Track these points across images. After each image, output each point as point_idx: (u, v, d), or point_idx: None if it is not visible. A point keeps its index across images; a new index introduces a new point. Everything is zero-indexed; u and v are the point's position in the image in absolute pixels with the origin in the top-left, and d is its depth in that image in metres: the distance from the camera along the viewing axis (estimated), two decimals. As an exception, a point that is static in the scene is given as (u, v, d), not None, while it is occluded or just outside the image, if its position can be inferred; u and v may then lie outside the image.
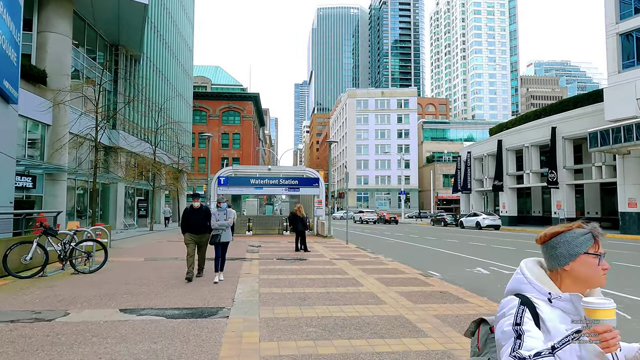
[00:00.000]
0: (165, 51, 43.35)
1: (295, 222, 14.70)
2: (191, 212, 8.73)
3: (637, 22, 25.15)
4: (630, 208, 24.89)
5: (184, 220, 8.75)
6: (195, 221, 8.68)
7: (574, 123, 30.68)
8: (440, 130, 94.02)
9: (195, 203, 8.77)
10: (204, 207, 8.92)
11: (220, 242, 8.66)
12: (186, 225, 8.70)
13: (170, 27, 44.76)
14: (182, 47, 50.15)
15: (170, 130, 31.23)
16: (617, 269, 11.33)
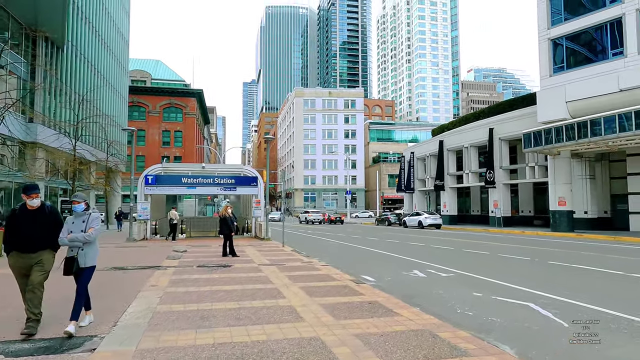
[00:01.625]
0: (96, 40, 40.03)
1: (224, 224, 13.44)
2: (21, 216, 5.11)
3: (567, 29, 26.25)
4: (560, 207, 25.92)
5: (7, 229, 5.15)
6: (27, 231, 5.05)
7: (509, 125, 31.68)
8: (386, 131, 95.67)
9: (31, 201, 5.09)
10: (48, 207, 5.31)
11: (79, 269, 5.14)
12: (11, 240, 5.09)
13: (101, 14, 41.42)
14: (115, 37, 46.69)
15: (95, 124, 28.55)
16: (551, 268, 11.20)
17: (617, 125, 20.15)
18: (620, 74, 22.91)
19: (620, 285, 8.86)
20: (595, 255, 14.05)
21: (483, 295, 7.83)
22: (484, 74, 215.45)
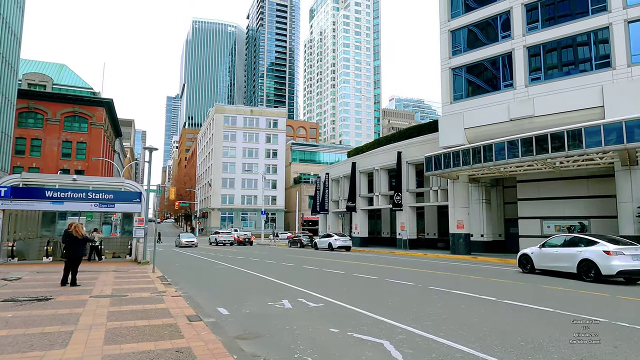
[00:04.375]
0: (-28, 32, 34.89)
1: (73, 246, 11.15)
2: None
3: (465, 60, 27.60)
4: (459, 229, 26.59)
5: None
6: None
7: (416, 149, 32.47)
8: (309, 152, 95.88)
9: None
10: None
11: None
12: None
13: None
14: (4, 33, 41.30)
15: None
16: (428, 294, 10.55)
17: (506, 152, 21.02)
18: (510, 104, 24.30)
19: (486, 314, 8.26)
20: (479, 280, 13.85)
21: (339, 332, 6.71)
22: (404, 103, 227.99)
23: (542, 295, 10.46)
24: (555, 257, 14.60)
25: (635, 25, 21.18)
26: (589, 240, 13.70)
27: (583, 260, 13.32)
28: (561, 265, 14.35)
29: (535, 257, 15.52)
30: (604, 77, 21.64)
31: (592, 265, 13.00)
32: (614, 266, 12.48)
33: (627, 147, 17.24)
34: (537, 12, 24.81)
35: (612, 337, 6.40)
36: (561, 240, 15.07)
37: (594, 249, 13.19)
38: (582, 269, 13.36)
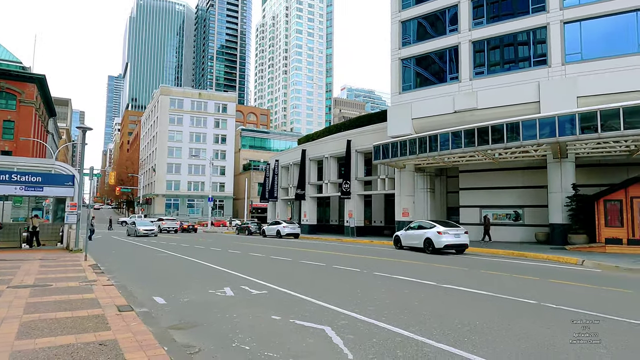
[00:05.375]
0: None
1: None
2: None
3: (415, 51, 28.11)
4: (404, 217, 27.31)
5: None
6: None
7: (365, 137, 32.78)
8: (259, 139, 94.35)
9: None
10: None
11: None
12: None
13: None
14: None
15: None
16: (373, 280, 10.65)
17: (450, 143, 21.72)
18: (455, 96, 25.10)
19: (429, 298, 8.45)
20: (421, 265, 14.23)
21: (281, 319, 6.53)
22: (355, 93, 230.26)
23: (469, 278, 10.90)
24: (413, 237, 19.93)
25: (570, 26, 22.49)
26: (430, 224, 19.06)
27: (426, 239, 18.62)
28: (415, 242, 19.65)
29: (402, 237, 20.90)
30: (540, 74, 22.87)
31: (431, 241, 18.33)
32: (442, 242, 17.91)
33: (559, 141, 18.36)
34: (482, 9, 25.67)
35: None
36: (416, 225, 20.37)
37: (432, 230, 18.46)
38: (425, 244, 18.68)
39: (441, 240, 17.90)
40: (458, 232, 18.31)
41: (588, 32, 22.40)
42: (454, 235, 18.13)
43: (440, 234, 17.99)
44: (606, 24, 22.13)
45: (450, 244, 18.02)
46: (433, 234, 18.28)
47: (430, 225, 18.96)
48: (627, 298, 8.76)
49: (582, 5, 22.26)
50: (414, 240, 19.74)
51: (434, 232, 18.24)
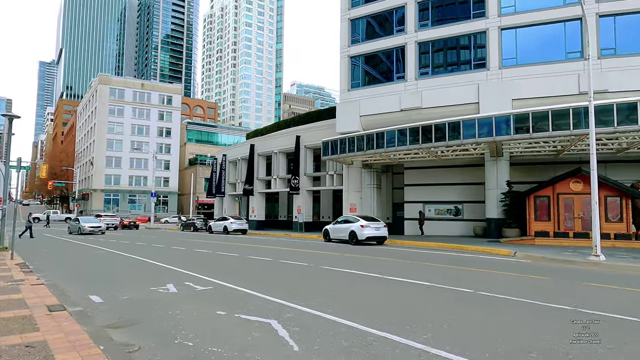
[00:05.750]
0: None
1: None
2: None
3: (363, 49, 28.63)
4: (351, 213, 27.74)
5: None
6: None
7: (315, 133, 32.94)
8: (206, 133, 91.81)
9: None
10: None
11: None
12: None
13: None
14: None
15: None
16: (321, 273, 10.77)
17: (396, 140, 22.36)
18: (402, 95, 25.87)
19: (373, 289, 8.67)
20: (365, 259, 14.57)
21: (226, 314, 6.42)
22: (305, 89, 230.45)
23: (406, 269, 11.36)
24: (340, 230, 21.96)
25: (506, 32, 23.91)
26: (355, 219, 21.26)
27: (351, 232, 20.73)
28: (342, 235, 21.62)
29: (331, 231, 22.80)
30: (480, 76, 24.14)
31: (355, 234, 20.46)
32: (364, 234, 20.14)
33: (496, 140, 19.49)
34: (428, 12, 26.61)
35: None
36: (342, 220, 22.49)
37: (356, 224, 20.61)
38: (350, 236, 20.80)
39: (363, 233, 20.12)
40: (378, 225, 20.76)
41: (523, 38, 23.94)
42: (374, 229, 20.44)
43: (363, 227, 20.23)
44: (539, 32, 23.77)
45: (371, 235, 20.30)
46: (357, 227, 20.45)
47: (355, 220, 21.13)
48: (547, 285, 9.51)
49: (517, 13, 23.74)
50: (341, 234, 21.70)
51: (358, 226, 20.44)
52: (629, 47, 21.87)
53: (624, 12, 22.03)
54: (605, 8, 21.98)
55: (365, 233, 20.12)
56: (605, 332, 5.56)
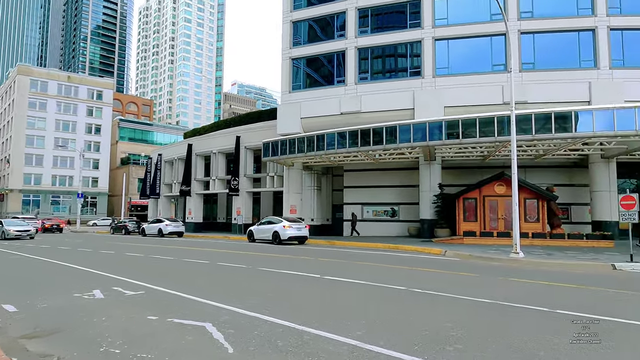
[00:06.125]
0: None
1: None
2: None
3: (305, 52, 28.85)
4: (292, 214, 27.84)
5: None
6: None
7: (255, 134, 32.61)
8: (140, 131, 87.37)
9: None
10: None
11: None
12: None
13: None
14: None
15: None
16: (260, 275, 10.69)
17: (336, 143, 22.77)
18: (342, 99, 26.41)
19: (309, 289, 8.77)
20: (302, 260, 14.68)
21: (158, 319, 6.16)
22: (246, 89, 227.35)
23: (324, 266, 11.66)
24: (264, 231, 22.84)
25: (440, 43, 25.27)
26: (278, 220, 22.37)
27: (274, 232, 21.74)
28: (265, 236, 22.54)
29: (255, 231, 23.67)
30: (415, 83, 25.28)
31: (278, 234, 21.49)
32: (287, 234, 21.25)
33: (429, 145, 20.51)
34: (367, 19, 27.42)
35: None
36: (266, 221, 23.35)
37: (279, 225, 21.70)
38: (273, 237, 21.77)
39: (286, 233, 21.21)
40: (300, 226, 22.00)
41: (455, 49, 25.43)
42: (297, 229, 21.60)
43: (286, 227, 21.32)
44: (469, 45, 25.40)
45: (293, 235, 21.43)
46: (280, 228, 21.54)
47: (278, 221, 22.25)
48: (474, 281, 10.19)
49: (450, 26, 25.18)
50: (265, 234, 22.68)
51: (281, 227, 21.52)
52: (546, 62, 24.03)
53: (542, 30, 24.20)
54: (526, 26, 23.99)
55: (287, 233, 21.20)
56: (515, 319, 6.07)
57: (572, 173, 25.33)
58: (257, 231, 23.58)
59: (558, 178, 25.09)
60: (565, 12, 24.26)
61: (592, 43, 23.67)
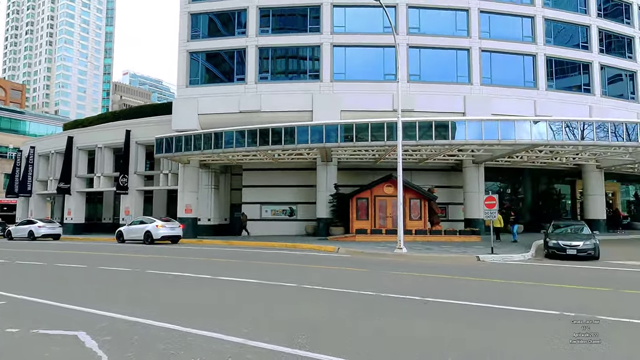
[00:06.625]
0: None
1: None
2: None
3: (204, 46, 27.92)
4: (187, 214, 26.70)
5: None
6: None
7: (149, 129, 30.45)
8: (7, 119, 75.90)
9: None
10: None
11: None
12: None
13: None
14: None
15: None
16: (145, 278, 10.11)
17: (234, 141, 22.42)
18: (242, 97, 26.10)
19: (193, 290, 8.59)
20: (198, 260, 14.28)
21: (20, 331, 5.52)
22: (140, 80, 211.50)
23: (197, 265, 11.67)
24: (134, 231, 22.84)
25: (338, 49, 26.40)
26: (151, 220, 22.59)
27: (147, 232, 21.81)
28: (137, 236, 22.58)
29: (125, 232, 23.51)
30: (314, 86, 26.04)
31: (150, 234, 21.70)
32: (160, 233, 21.63)
33: (325, 146, 21.30)
34: (268, 18, 27.49)
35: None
36: (138, 221, 23.52)
37: (152, 224, 21.93)
38: (145, 236, 21.84)
39: (159, 232, 21.48)
40: (174, 225, 22.44)
41: (351, 56, 26.76)
42: (170, 228, 22.02)
43: (159, 227, 21.63)
44: (364, 53, 26.93)
45: (166, 235, 21.81)
46: (152, 227, 21.73)
47: (151, 221, 22.42)
48: (361, 276, 10.91)
49: (347, 34, 26.44)
50: (136, 234, 22.64)
51: (153, 226, 21.75)
52: (430, 75, 26.56)
53: (428, 46, 26.71)
54: (414, 41, 26.25)
55: (160, 232, 21.49)
56: (390, 307, 6.69)
57: (450, 176, 28.34)
58: (127, 231, 23.31)
59: (439, 180, 27.87)
60: (447, 32, 27.09)
61: (467, 61, 26.78)
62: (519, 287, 9.38)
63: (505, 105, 25.80)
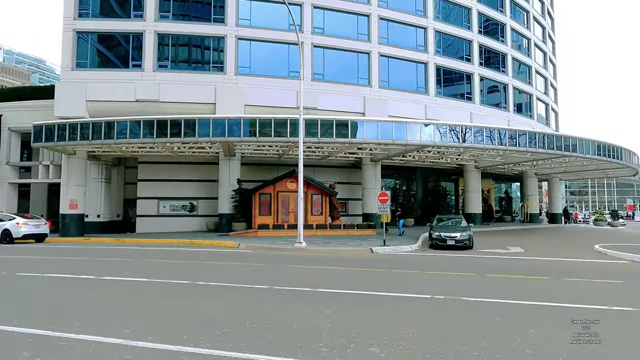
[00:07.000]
0: None
1: None
2: None
3: (94, 26, 25.53)
4: (72, 210, 24.19)
5: None
6: None
7: (26, 114, 26.87)
8: None
9: None
10: None
11: None
12: None
13: None
14: None
15: None
16: (18, 281, 9.04)
17: (128, 131, 20.90)
18: (138, 85, 24.44)
19: (86, 293, 7.97)
20: (85, 261, 13.17)
21: None
22: (18, 58, 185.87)
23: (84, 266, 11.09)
24: None
25: (243, 42, 26.05)
26: (10, 217, 20.17)
27: (5, 230, 19.28)
28: None
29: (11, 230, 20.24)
30: (218, 79, 25.39)
31: (9, 232, 19.25)
32: (22, 232, 19.37)
33: (228, 141, 20.90)
34: (169, 3, 26.10)
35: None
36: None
37: (12, 222, 19.59)
38: (3, 235, 19.26)
39: (20, 231, 19.41)
40: (39, 223, 20.41)
41: (257, 51, 26.57)
42: (34, 226, 19.95)
43: (20, 225, 19.51)
44: (269, 48, 26.92)
45: (29, 233, 19.71)
46: (12, 225, 19.47)
47: (10, 218, 20.18)
48: (258, 270, 11.02)
49: (252, 27, 26.19)
50: None
51: (13, 224, 19.50)
52: (334, 75, 27.51)
53: (331, 47, 27.59)
54: (318, 40, 26.94)
55: (22, 231, 19.42)
56: (284, 300, 6.91)
57: (350, 173, 29.70)
58: None
59: (340, 177, 29.04)
60: (350, 34, 28.29)
61: (367, 64, 28.26)
62: (400, 275, 10.27)
63: (400, 107, 27.79)
